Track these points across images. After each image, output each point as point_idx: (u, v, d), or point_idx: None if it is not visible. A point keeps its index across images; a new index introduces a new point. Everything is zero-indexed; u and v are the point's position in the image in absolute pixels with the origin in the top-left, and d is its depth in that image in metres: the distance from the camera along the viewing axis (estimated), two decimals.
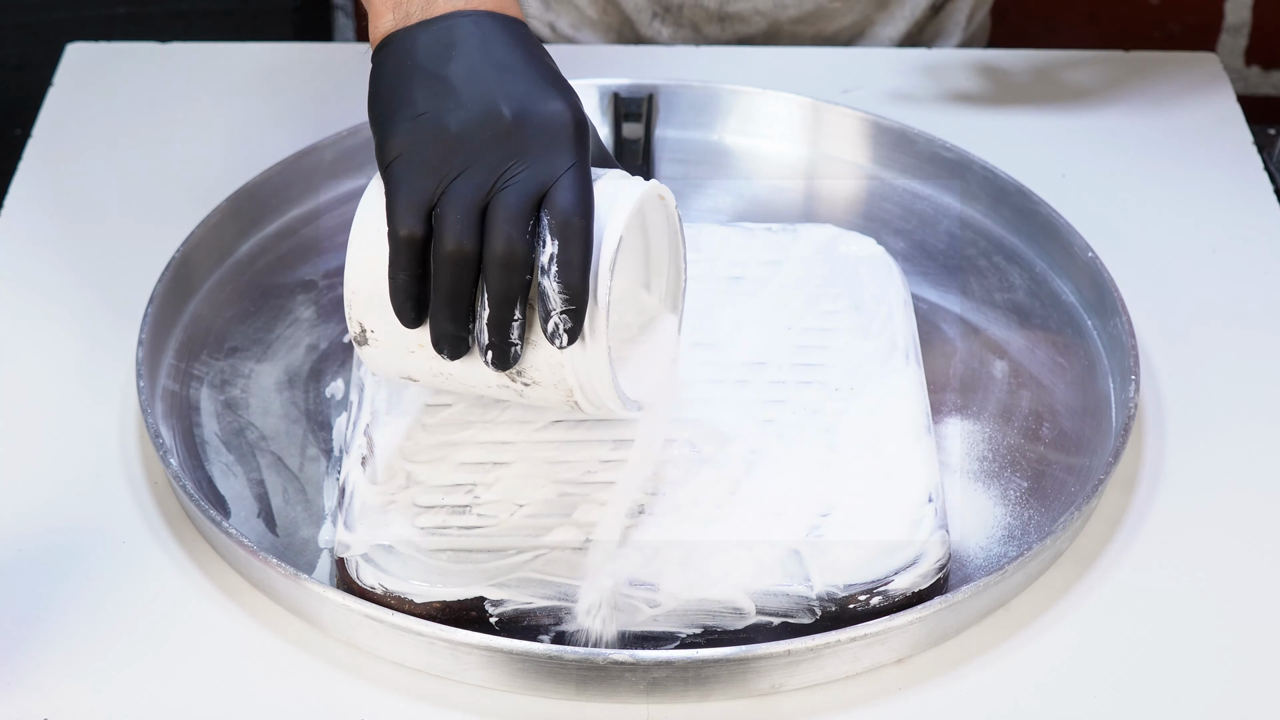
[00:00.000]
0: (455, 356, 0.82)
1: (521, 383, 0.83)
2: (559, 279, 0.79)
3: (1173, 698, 0.85)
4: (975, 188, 1.13)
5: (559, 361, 0.82)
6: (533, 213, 0.79)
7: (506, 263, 0.78)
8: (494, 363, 0.81)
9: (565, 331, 0.80)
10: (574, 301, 0.79)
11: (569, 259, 0.79)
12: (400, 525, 0.88)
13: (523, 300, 0.80)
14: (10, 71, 1.81)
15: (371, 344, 0.85)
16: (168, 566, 0.90)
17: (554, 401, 0.85)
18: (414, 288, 0.81)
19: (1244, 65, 2.07)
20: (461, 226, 0.79)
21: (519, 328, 0.80)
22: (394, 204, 0.80)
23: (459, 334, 0.81)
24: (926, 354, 1.02)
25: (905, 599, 0.86)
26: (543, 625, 0.86)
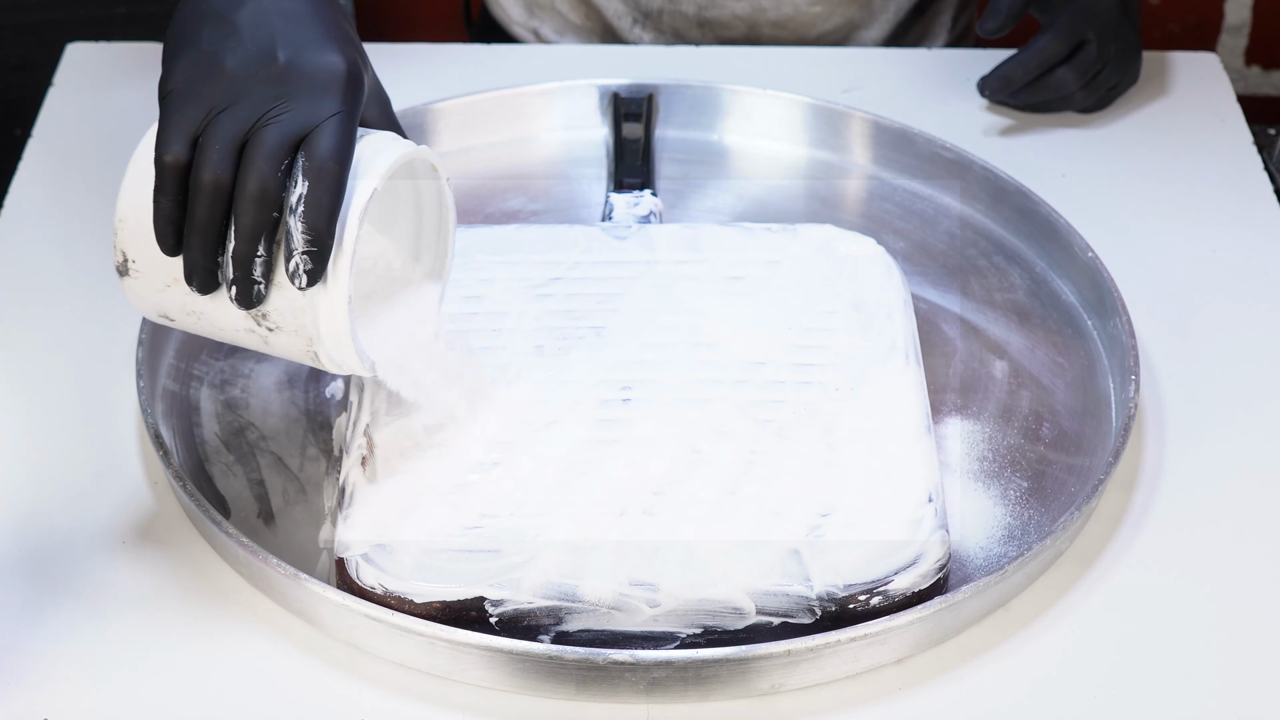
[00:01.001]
0: (204, 291, 0.83)
1: (266, 327, 0.84)
2: (304, 219, 0.80)
3: (1173, 698, 0.85)
4: (975, 188, 1.13)
5: (300, 306, 0.82)
6: (289, 154, 0.80)
7: (255, 197, 0.80)
8: (237, 299, 0.82)
9: (305, 272, 0.81)
10: (317, 244, 0.80)
11: (317, 200, 0.80)
12: (400, 525, 0.88)
13: (269, 239, 0.81)
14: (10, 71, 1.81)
15: (132, 275, 0.85)
16: (168, 566, 0.90)
17: (295, 350, 0.85)
18: (175, 213, 0.82)
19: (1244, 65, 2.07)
20: (219, 158, 0.80)
21: (262, 265, 0.81)
22: (162, 131, 0.82)
23: (209, 266, 0.82)
24: (926, 354, 1.02)
25: (905, 599, 0.86)
26: (543, 625, 0.86)
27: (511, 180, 1.16)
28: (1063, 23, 1.17)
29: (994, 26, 1.17)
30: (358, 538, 0.87)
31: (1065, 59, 1.18)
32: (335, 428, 0.97)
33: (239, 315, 0.84)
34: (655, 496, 0.89)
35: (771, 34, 1.34)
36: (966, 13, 1.42)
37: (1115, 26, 1.19)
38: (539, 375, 0.95)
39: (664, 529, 0.88)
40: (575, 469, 0.91)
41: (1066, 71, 1.18)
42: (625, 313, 0.99)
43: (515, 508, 0.89)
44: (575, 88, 1.20)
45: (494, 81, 1.21)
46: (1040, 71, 1.18)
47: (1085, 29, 1.17)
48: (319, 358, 0.85)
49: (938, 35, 1.40)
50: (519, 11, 1.39)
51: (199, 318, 0.85)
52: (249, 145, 0.80)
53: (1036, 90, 1.20)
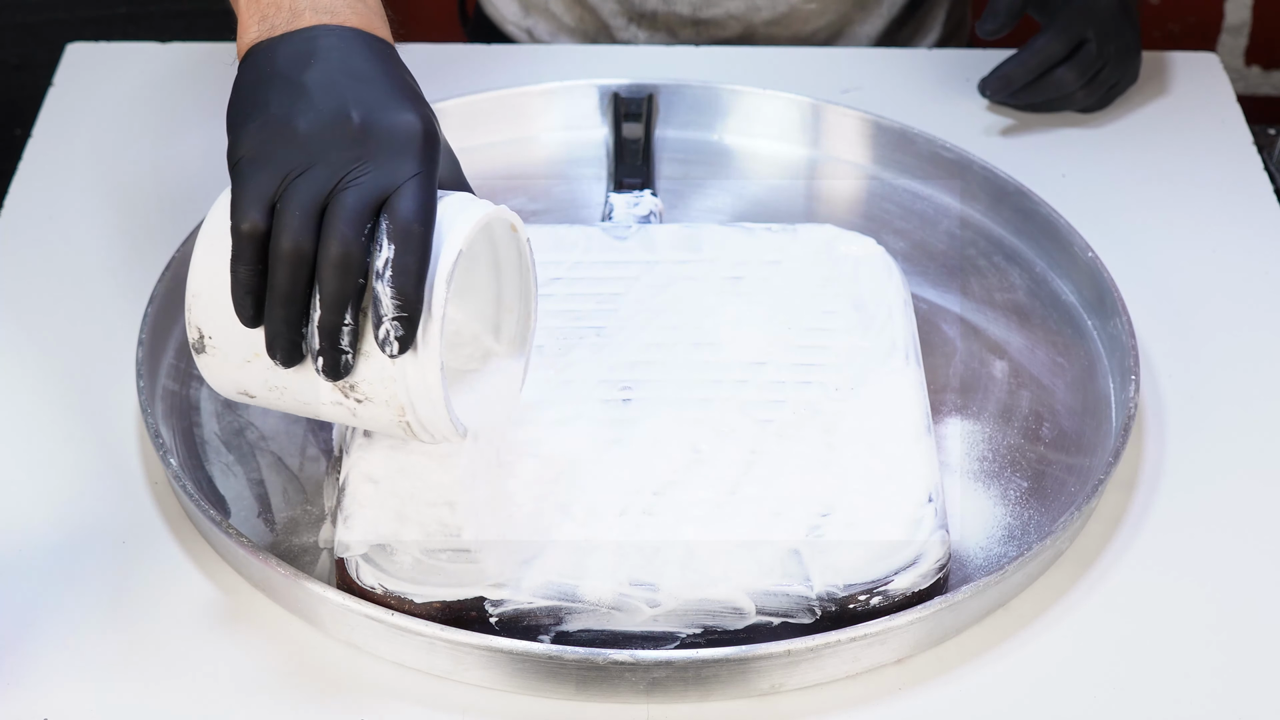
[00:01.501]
0: (288, 363, 0.81)
1: (354, 398, 0.82)
2: (393, 284, 0.78)
3: (1173, 698, 0.85)
4: (975, 188, 1.13)
5: (390, 375, 0.80)
6: (371, 217, 0.79)
7: (339, 263, 0.78)
8: (325, 370, 0.80)
9: (397, 339, 0.79)
10: (407, 309, 0.78)
11: (405, 265, 0.78)
12: (400, 525, 0.88)
13: (355, 307, 0.79)
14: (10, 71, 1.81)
15: (209, 352, 0.83)
16: (168, 566, 0.90)
17: (386, 421, 0.83)
18: (254, 283, 0.80)
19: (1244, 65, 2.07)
20: (299, 224, 0.78)
21: (350, 334, 0.79)
22: (238, 199, 0.79)
23: (292, 337, 0.80)
24: (926, 354, 1.02)
25: (905, 599, 0.86)
26: (543, 625, 0.86)
27: (511, 180, 1.16)
28: (1062, 22, 1.17)
29: (993, 27, 1.17)
30: (358, 538, 0.87)
31: (1065, 58, 1.18)
32: (335, 428, 0.97)
33: (326, 388, 0.82)
34: (655, 496, 0.89)
35: (766, 32, 1.34)
36: (959, 8, 1.42)
37: (1114, 25, 1.19)
38: (539, 375, 0.95)
39: (664, 529, 0.88)
40: (575, 469, 0.91)
41: (1066, 71, 1.18)
42: (625, 313, 0.99)
43: (515, 508, 0.89)
44: (575, 88, 1.20)
45: (494, 81, 1.21)
46: (1040, 71, 1.19)
47: (1085, 28, 1.17)
48: (411, 428, 0.83)
49: (930, 30, 1.40)
50: (513, 11, 1.39)
51: (282, 393, 0.83)
52: (329, 210, 0.78)
53: (1036, 90, 1.20)
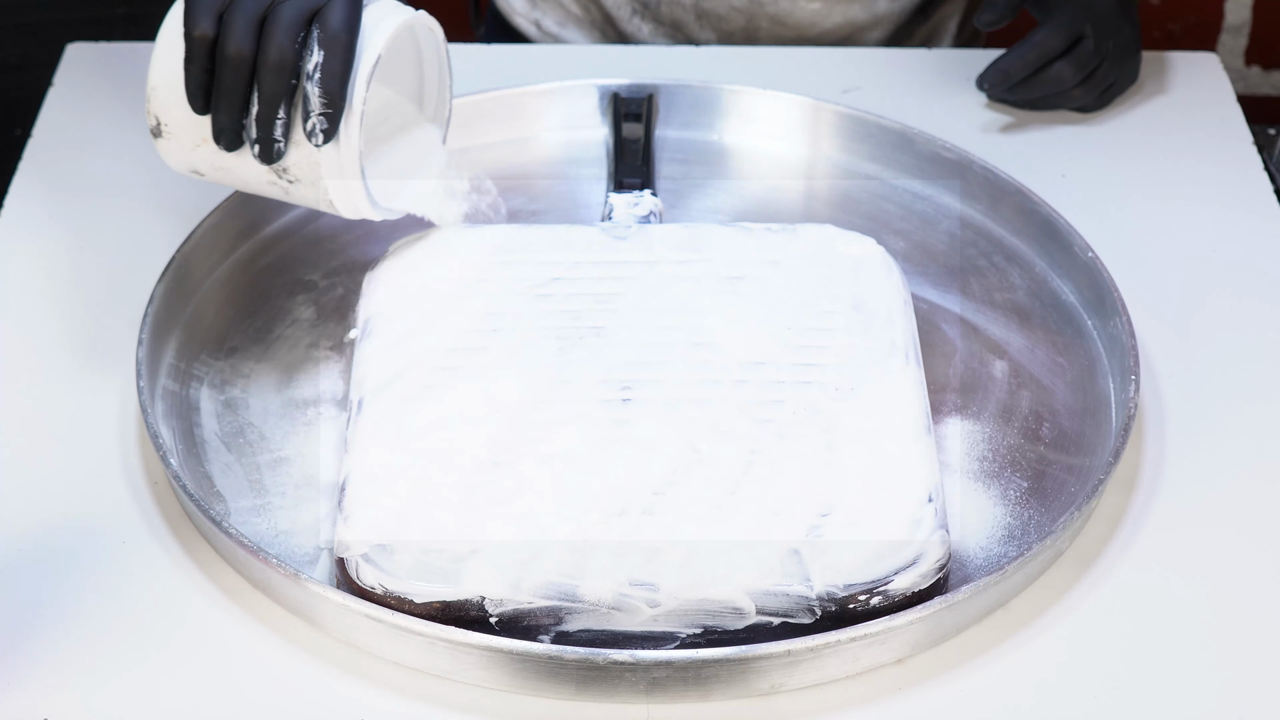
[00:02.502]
0: (231, 148, 0.94)
1: (286, 180, 0.96)
2: (320, 84, 0.92)
3: (1173, 697, 0.85)
4: (975, 188, 1.13)
5: (316, 160, 0.94)
6: (304, 26, 0.92)
7: (275, 66, 0.91)
8: (260, 156, 0.94)
9: (321, 131, 0.93)
10: (331, 105, 0.92)
11: (330, 68, 0.92)
12: (400, 525, 0.88)
13: (288, 103, 0.93)
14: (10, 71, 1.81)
15: (165, 136, 0.97)
16: (168, 566, 0.90)
17: (313, 199, 0.97)
18: (203, 80, 0.93)
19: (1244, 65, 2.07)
20: (242, 32, 0.91)
21: (283, 126, 0.93)
22: (190, 8, 0.93)
23: (234, 127, 0.93)
24: (926, 354, 1.02)
25: (905, 599, 0.86)
26: (543, 625, 0.86)
27: (511, 180, 1.16)
28: (1060, 17, 1.17)
29: (991, 19, 1.18)
30: (358, 538, 0.87)
31: (1062, 53, 1.18)
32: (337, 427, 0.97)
33: (262, 170, 0.96)
34: (655, 496, 0.89)
35: (770, 29, 1.34)
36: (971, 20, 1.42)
37: (1113, 22, 1.19)
38: (539, 375, 0.95)
39: (664, 529, 0.88)
40: (575, 469, 0.91)
41: (1064, 66, 1.18)
42: (625, 313, 0.99)
43: (515, 508, 0.89)
44: (575, 88, 1.20)
45: (494, 81, 1.21)
46: (1038, 64, 1.18)
47: (1083, 23, 1.17)
48: (335, 205, 0.97)
49: (942, 41, 1.40)
50: (521, 2, 1.40)
51: (226, 172, 0.97)
52: (268, 20, 0.91)
53: (1034, 85, 1.20)
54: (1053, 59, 1.18)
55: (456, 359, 0.96)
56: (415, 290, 1.00)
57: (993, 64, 1.20)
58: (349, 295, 1.06)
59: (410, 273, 1.01)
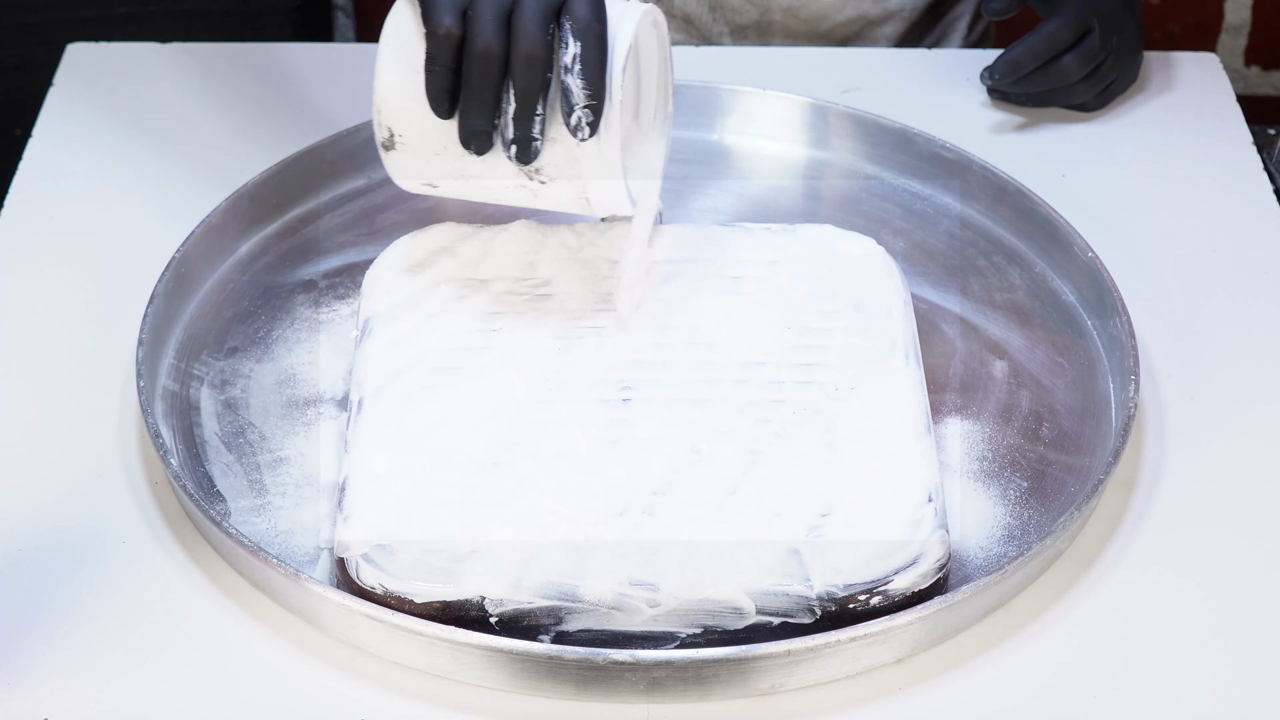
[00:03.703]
0: (481, 151, 0.91)
1: (538, 180, 0.93)
2: (582, 76, 0.89)
3: (1173, 697, 0.85)
4: (975, 188, 1.13)
5: (575, 156, 0.91)
6: (552, 18, 0.89)
7: (531, 61, 0.88)
8: (517, 156, 0.91)
9: (587, 124, 0.90)
10: (594, 97, 0.89)
11: (590, 58, 0.89)
12: (400, 525, 0.88)
13: (543, 98, 0.89)
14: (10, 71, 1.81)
15: (398, 148, 0.94)
16: (168, 566, 0.90)
17: (566, 198, 0.94)
18: (449, 80, 0.90)
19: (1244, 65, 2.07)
20: (492, 28, 0.88)
21: (540, 123, 0.90)
22: (432, 6, 0.89)
23: (485, 128, 0.90)
24: (926, 354, 1.02)
25: (905, 599, 0.86)
26: (543, 625, 0.86)
27: None
28: (1071, 10, 1.18)
29: (999, 7, 1.18)
30: (358, 538, 0.87)
31: (1070, 46, 1.19)
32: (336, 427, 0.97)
33: (510, 172, 0.93)
34: (655, 496, 0.89)
35: (783, 21, 1.34)
36: (983, 20, 1.42)
37: (1119, 18, 1.19)
38: (539, 375, 0.95)
39: (664, 529, 0.88)
40: (575, 469, 0.91)
41: (1071, 59, 1.18)
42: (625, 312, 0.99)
43: (515, 508, 0.89)
44: None
45: None
46: (1048, 56, 1.19)
47: (1090, 17, 1.18)
48: (590, 202, 0.94)
49: (952, 41, 1.40)
50: None
51: (466, 181, 0.94)
52: (516, 14, 0.88)
53: (1039, 78, 1.20)
54: (1061, 52, 1.19)
55: (456, 359, 0.96)
56: (415, 290, 1.00)
57: (1002, 55, 1.20)
58: (349, 295, 1.06)
59: (410, 273, 1.01)
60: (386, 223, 1.12)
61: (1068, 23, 1.18)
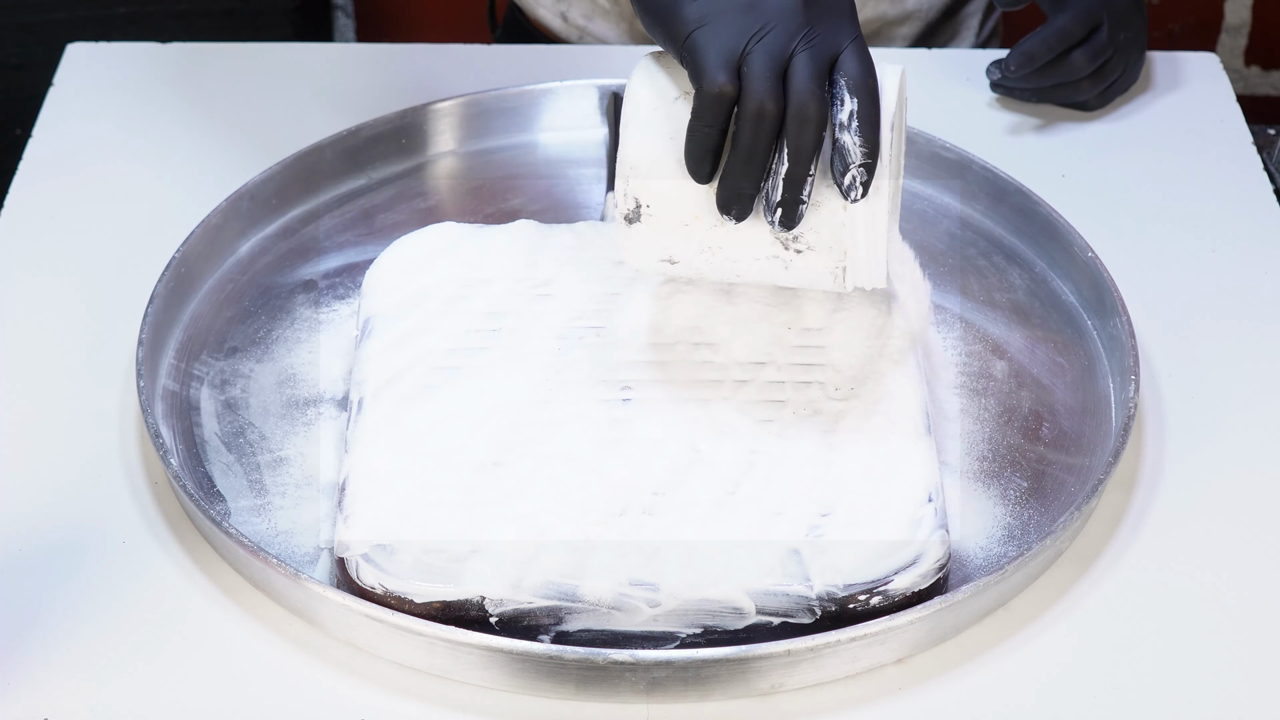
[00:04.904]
0: (742, 217, 0.86)
1: (794, 249, 0.87)
2: (860, 134, 0.84)
3: (1173, 697, 0.85)
4: (975, 188, 1.13)
5: (841, 221, 0.86)
6: (827, 75, 0.84)
7: (810, 119, 0.83)
8: (782, 221, 0.85)
9: (861, 184, 0.84)
10: (871, 155, 0.84)
11: (868, 115, 0.84)
12: (400, 525, 0.88)
13: (816, 158, 0.84)
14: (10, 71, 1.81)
15: (644, 219, 0.88)
16: (168, 566, 0.90)
17: (820, 270, 0.88)
18: (714, 141, 0.85)
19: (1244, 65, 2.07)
20: (768, 85, 0.83)
21: (810, 185, 0.85)
22: (703, 62, 0.84)
23: (751, 192, 0.85)
24: (927, 354, 1.02)
25: (905, 599, 0.86)
26: (543, 625, 0.86)
27: (511, 180, 1.16)
28: (1081, 4, 1.18)
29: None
30: (358, 538, 0.87)
31: (1081, 41, 1.19)
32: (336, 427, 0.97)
33: (765, 242, 0.87)
34: (655, 496, 0.89)
35: None
36: (992, 18, 1.42)
37: (1127, 14, 1.19)
38: (539, 375, 0.95)
39: (664, 529, 0.88)
40: (575, 469, 0.91)
41: (1080, 54, 1.19)
42: (625, 312, 0.99)
43: (515, 508, 0.89)
44: (575, 88, 1.20)
45: (495, 82, 1.21)
46: (1061, 49, 1.19)
47: (1100, 12, 1.18)
48: (845, 274, 0.88)
49: (965, 40, 1.41)
50: None
51: (713, 253, 0.88)
52: (793, 70, 0.84)
53: (1048, 73, 1.20)
54: (1071, 46, 1.19)
55: (456, 359, 0.96)
56: (415, 290, 1.00)
57: (1015, 48, 1.20)
58: (349, 295, 1.06)
59: (410, 273, 1.01)
60: (386, 223, 1.12)
61: (1079, 17, 1.18)
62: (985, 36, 1.42)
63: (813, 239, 0.86)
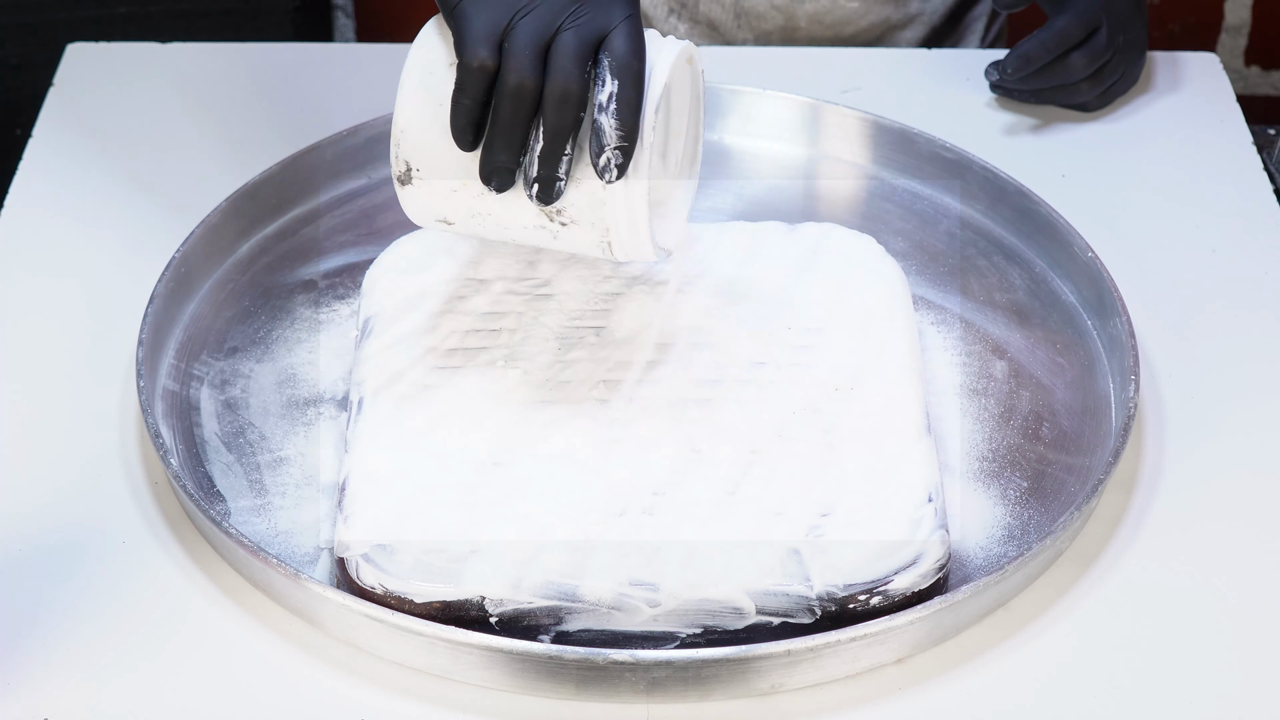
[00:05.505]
0: (502, 189, 0.87)
1: (559, 221, 0.88)
2: (616, 115, 0.84)
3: (1173, 697, 0.85)
4: (975, 188, 1.13)
5: (600, 199, 0.87)
6: (591, 55, 0.85)
7: (565, 97, 0.84)
8: (539, 196, 0.86)
9: (616, 166, 0.85)
10: (628, 138, 0.85)
11: (627, 98, 0.84)
12: (400, 525, 0.88)
13: (573, 137, 0.85)
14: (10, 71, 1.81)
15: (415, 183, 0.89)
16: (168, 566, 0.90)
17: (587, 243, 0.89)
18: (476, 113, 0.85)
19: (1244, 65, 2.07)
20: (528, 62, 0.84)
21: (567, 163, 0.85)
22: (466, 36, 0.85)
23: (510, 165, 0.86)
24: (926, 354, 1.02)
25: (905, 599, 0.86)
26: (543, 625, 0.86)
27: None
28: (1080, 7, 1.18)
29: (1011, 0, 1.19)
30: (358, 538, 0.87)
31: (1079, 43, 1.19)
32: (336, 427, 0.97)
33: (530, 213, 0.88)
34: (655, 496, 0.89)
35: (808, 28, 1.34)
36: (997, 22, 1.42)
37: (1127, 17, 1.19)
38: (539, 375, 0.95)
39: (664, 529, 0.88)
40: (575, 469, 0.91)
41: (1078, 57, 1.19)
42: (625, 312, 0.99)
43: (515, 508, 0.89)
44: None
45: None
46: (1059, 51, 1.19)
47: (1099, 15, 1.18)
48: (612, 248, 0.89)
49: (970, 44, 1.41)
50: None
51: (483, 219, 0.90)
52: (554, 48, 0.84)
53: (1047, 75, 1.20)
54: (1070, 49, 1.19)
55: (456, 359, 0.96)
56: (415, 290, 1.00)
57: (1013, 50, 1.20)
58: (349, 295, 1.06)
59: (410, 273, 1.01)
60: (386, 223, 1.12)
61: (1078, 19, 1.18)
62: (990, 40, 1.42)
63: (575, 214, 0.88)
